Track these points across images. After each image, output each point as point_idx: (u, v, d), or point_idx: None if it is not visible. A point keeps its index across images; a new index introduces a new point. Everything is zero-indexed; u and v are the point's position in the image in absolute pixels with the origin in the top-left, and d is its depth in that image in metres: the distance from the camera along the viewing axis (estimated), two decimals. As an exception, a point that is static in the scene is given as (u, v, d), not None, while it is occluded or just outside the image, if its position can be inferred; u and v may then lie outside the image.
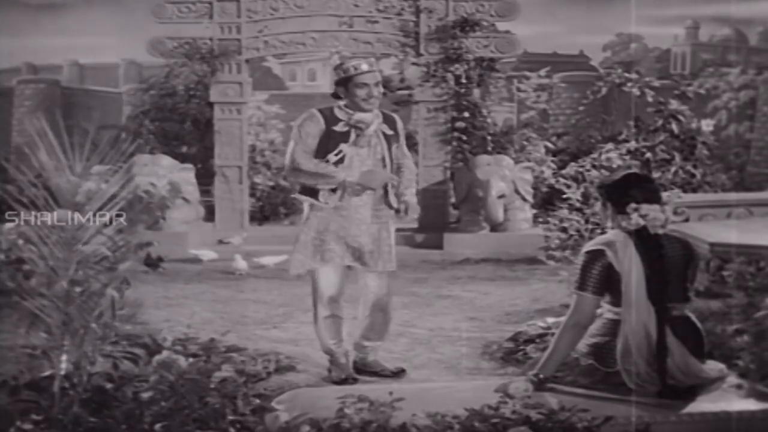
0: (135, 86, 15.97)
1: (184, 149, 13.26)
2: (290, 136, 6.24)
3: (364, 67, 6.07)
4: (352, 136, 6.08)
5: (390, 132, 6.19)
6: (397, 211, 6.23)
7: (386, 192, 6.16)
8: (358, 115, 6.07)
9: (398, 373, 6.28)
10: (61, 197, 4.46)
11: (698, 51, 21.48)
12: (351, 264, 6.16)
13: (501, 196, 11.81)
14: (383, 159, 6.14)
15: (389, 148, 6.16)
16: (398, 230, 6.54)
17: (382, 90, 6.17)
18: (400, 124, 6.33)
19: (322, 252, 6.09)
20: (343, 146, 6.05)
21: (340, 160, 6.04)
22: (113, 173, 4.62)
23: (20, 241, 4.63)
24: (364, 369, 6.31)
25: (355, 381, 6.08)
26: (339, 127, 6.07)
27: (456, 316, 8.09)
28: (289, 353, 6.64)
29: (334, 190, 6.06)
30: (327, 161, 6.03)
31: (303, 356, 6.64)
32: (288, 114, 15.78)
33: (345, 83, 6.08)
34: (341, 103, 6.15)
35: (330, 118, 6.09)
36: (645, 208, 4.73)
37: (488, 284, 9.64)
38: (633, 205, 4.74)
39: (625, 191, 4.81)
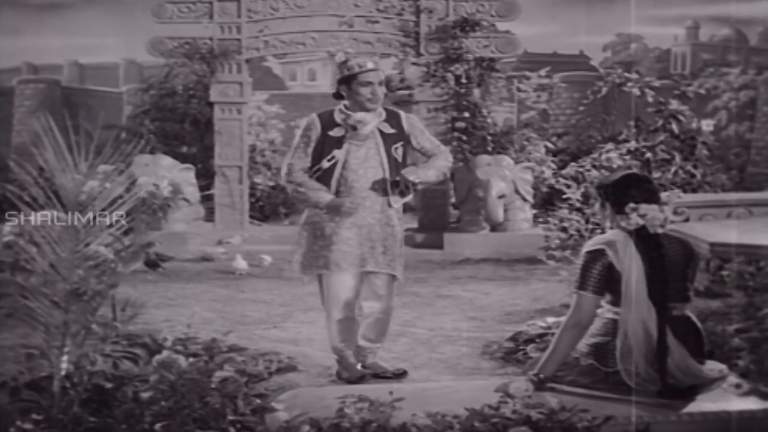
0: (135, 86, 15.98)
1: (185, 149, 13.26)
2: (293, 142, 6.19)
3: (370, 65, 5.98)
4: (346, 137, 6.01)
5: (391, 130, 6.06)
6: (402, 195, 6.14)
7: (386, 193, 6.05)
8: (358, 115, 5.98)
9: (399, 375, 6.22)
10: (64, 197, 4.46)
11: (698, 51, 21.47)
12: (354, 270, 6.06)
13: (501, 196, 11.81)
14: (381, 161, 6.03)
15: (387, 149, 6.03)
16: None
17: (385, 90, 6.08)
18: (408, 120, 6.16)
19: (326, 258, 6.02)
20: (336, 152, 5.98)
21: (333, 166, 5.98)
22: (119, 173, 4.62)
23: (21, 241, 4.64)
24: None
25: (364, 380, 6.00)
26: (334, 132, 6.01)
27: (456, 316, 8.09)
28: (289, 353, 6.64)
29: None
30: (320, 168, 5.99)
31: (303, 356, 6.64)
32: (288, 114, 15.78)
33: (348, 81, 5.99)
34: (342, 103, 6.06)
35: (327, 123, 6.03)
36: (644, 207, 4.74)
37: (488, 284, 9.64)
38: (632, 205, 4.74)
39: (623, 191, 4.82)
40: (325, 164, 6.00)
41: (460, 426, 4.19)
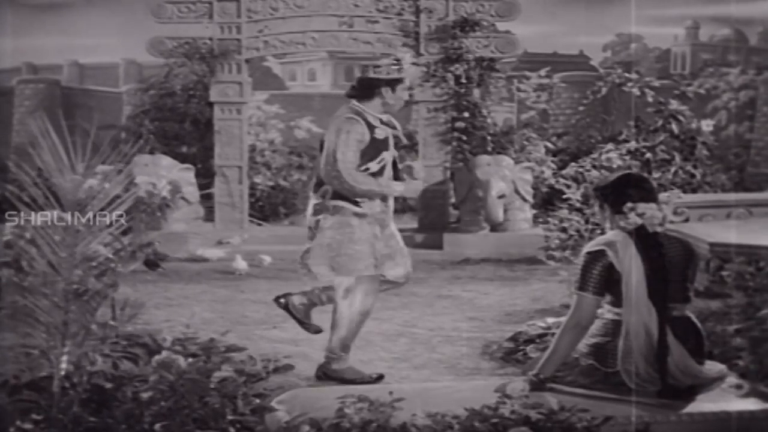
0: (135, 86, 15.97)
1: (184, 149, 13.26)
2: (329, 141, 5.80)
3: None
4: (391, 140, 5.87)
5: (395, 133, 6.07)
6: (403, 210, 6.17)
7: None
8: (385, 117, 5.87)
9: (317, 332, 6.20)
10: (63, 197, 4.47)
11: (698, 51, 21.45)
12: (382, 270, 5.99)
13: (501, 196, 11.80)
14: (395, 162, 5.99)
15: (396, 149, 6.03)
16: (399, 230, 6.47)
17: None
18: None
19: (364, 261, 5.85)
20: (384, 154, 5.84)
21: (382, 168, 5.83)
22: (118, 173, 4.62)
23: (21, 241, 4.64)
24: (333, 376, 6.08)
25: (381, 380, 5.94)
26: (377, 134, 5.81)
27: (456, 316, 8.09)
28: (289, 353, 6.63)
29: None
30: (367, 170, 5.79)
31: (303, 356, 6.63)
32: (288, 114, 15.77)
33: (395, 83, 5.82)
34: (355, 104, 5.85)
35: (368, 124, 5.80)
36: (642, 207, 4.74)
37: (488, 284, 9.63)
38: (629, 204, 4.75)
39: (621, 191, 4.82)
40: (375, 167, 5.82)
41: (459, 426, 4.20)
